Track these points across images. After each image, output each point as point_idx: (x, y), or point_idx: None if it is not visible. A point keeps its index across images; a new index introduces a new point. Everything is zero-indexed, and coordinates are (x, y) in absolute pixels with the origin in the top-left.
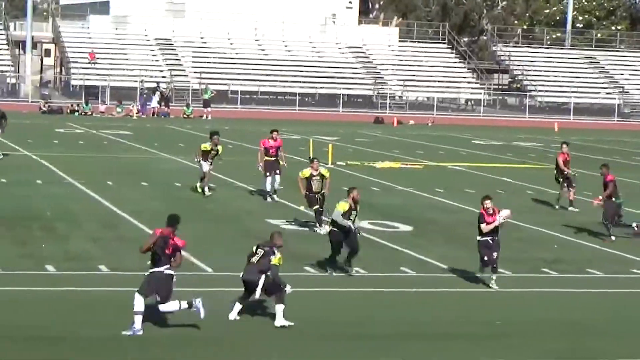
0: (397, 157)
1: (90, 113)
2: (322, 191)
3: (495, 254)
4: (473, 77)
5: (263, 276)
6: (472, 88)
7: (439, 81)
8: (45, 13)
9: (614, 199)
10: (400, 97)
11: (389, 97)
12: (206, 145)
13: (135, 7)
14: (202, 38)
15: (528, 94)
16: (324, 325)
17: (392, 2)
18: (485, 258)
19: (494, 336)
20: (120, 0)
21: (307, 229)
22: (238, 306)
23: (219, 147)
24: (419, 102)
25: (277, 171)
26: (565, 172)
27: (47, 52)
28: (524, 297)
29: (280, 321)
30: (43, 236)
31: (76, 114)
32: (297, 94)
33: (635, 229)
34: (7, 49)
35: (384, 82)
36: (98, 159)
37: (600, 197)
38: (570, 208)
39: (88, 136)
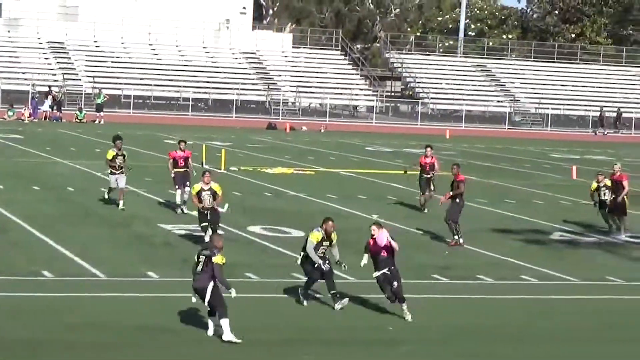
0: (289, 162)
1: None
2: (213, 207)
3: (396, 284)
4: (366, 84)
5: (212, 282)
6: (365, 95)
7: (332, 88)
8: None
9: (457, 200)
10: (293, 103)
11: (282, 103)
12: (111, 152)
13: (27, 10)
14: (95, 42)
15: (420, 101)
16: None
17: (286, 8)
18: (387, 295)
19: (385, 342)
20: (12, 3)
21: (197, 233)
22: (211, 323)
23: (125, 153)
24: (311, 109)
25: (187, 183)
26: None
27: None
28: (416, 303)
29: (227, 336)
30: None
31: None
32: (190, 99)
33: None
34: None
35: (277, 88)
36: None
37: (450, 194)
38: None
39: None
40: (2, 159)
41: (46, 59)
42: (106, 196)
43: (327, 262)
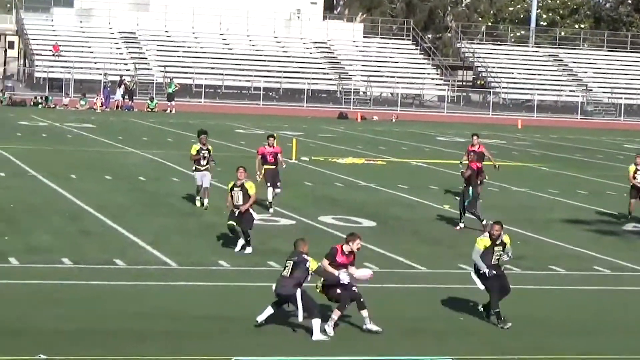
0: (360, 152)
1: (53, 106)
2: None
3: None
4: (437, 74)
5: (299, 290)
6: (436, 84)
7: (403, 77)
8: (8, 5)
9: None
10: (364, 92)
11: (353, 92)
12: (195, 147)
13: (99, 0)
14: (166, 32)
15: (492, 90)
16: (280, 318)
17: None
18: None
19: (456, 332)
20: None
21: (270, 223)
22: (270, 310)
23: (210, 147)
24: (383, 98)
25: (278, 183)
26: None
27: (11, 45)
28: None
29: (317, 335)
30: (5, 229)
31: (39, 106)
32: (261, 88)
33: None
34: None
35: (348, 78)
36: (61, 152)
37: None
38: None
39: (51, 129)
40: (75, 149)
41: (118, 48)
42: (197, 203)
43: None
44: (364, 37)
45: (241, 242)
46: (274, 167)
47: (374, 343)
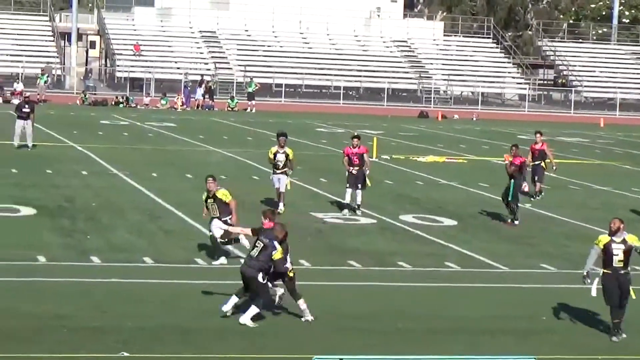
0: (441, 151)
1: (134, 105)
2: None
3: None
4: (518, 72)
5: (260, 274)
6: (517, 83)
7: (483, 76)
8: (90, 5)
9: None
10: (444, 91)
11: (434, 91)
12: (273, 149)
13: None
14: (246, 31)
15: (573, 89)
16: (364, 318)
17: None
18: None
19: (538, 332)
20: None
21: (350, 222)
22: (234, 299)
23: (288, 151)
24: (463, 97)
25: (359, 185)
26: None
27: (92, 44)
28: (570, 293)
29: (245, 319)
30: (87, 227)
31: (121, 105)
32: (341, 87)
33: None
34: (53, 41)
35: (429, 76)
36: (143, 150)
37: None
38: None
39: (133, 128)
40: (156, 147)
41: (198, 48)
42: (281, 207)
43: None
44: (444, 35)
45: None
46: (357, 168)
47: (455, 342)
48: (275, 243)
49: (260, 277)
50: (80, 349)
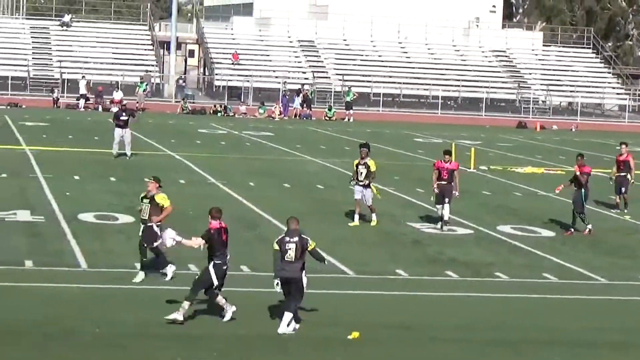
0: (539, 162)
1: (232, 114)
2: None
3: None
4: (618, 83)
5: (304, 274)
6: (617, 93)
7: (582, 86)
8: (189, 14)
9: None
10: (543, 101)
11: (532, 101)
12: (356, 161)
13: (278, 8)
14: (344, 40)
15: None
16: (460, 329)
17: (536, 7)
18: None
19: (637, 345)
20: (264, 2)
21: (451, 232)
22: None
23: (369, 162)
24: (562, 107)
25: (447, 199)
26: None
27: (191, 53)
28: None
29: (283, 328)
30: (185, 235)
31: (219, 114)
32: (439, 97)
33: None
34: (152, 50)
35: (527, 87)
36: (240, 159)
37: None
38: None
39: (230, 137)
40: (253, 157)
41: (296, 57)
42: (374, 218)
43: None
44: (543, 45)
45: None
46: (445, 183)
47: (552, 353)
48: (304, 235)
49: (304, 277)
50: (176, 356)
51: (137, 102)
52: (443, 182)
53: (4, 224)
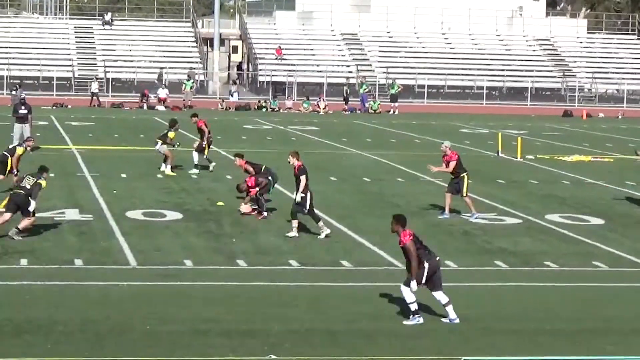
0: (586, 150)
1: (277, 109)
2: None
3: None
4: None
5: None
6: None
7: (629, 73)
8: (232, 10)
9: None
10: (589, 89)
11: (578, 89)
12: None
13: (320, 2)
14: (388, 32)
15: None
16: (512, 319)
17: None
18: None
19: None
20: None
21: (496, 222)
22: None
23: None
24: (608, 95)
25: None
26: None
27: (234, 49)
28: None
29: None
30: (233, 231)
31: (263, 109)
32: (484, 87)
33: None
34: (196, 46)
35: (573, 75)
36: (286, 154)
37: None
38: None
39: (276, 132)
40: (300, 151)
41: (340, 50)
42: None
43: None
44: (587, 33)
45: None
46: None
47: (606, 342)
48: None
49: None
50: (229, 352)
51: (184, 100)
52: None
53: (53, 223)
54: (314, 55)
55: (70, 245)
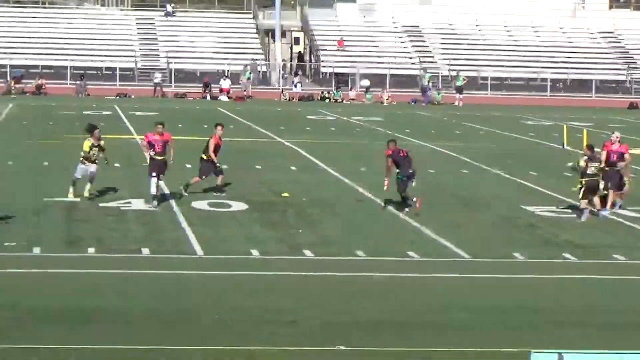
0: None
1: (340, 100)
2: None
3: None
4: None
5: None
6: None
7: None
8: (293, 2)
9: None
10: None
11: None
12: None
13: None
14: (450, 25)
15: None
16: (581, 312)
17: None
18: None
19: None
20: None
21: (563, 214)
22: None
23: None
24: None
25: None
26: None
27: (296, 41)
28: None
29: None
30: (298, 222)
31: (327, 100)
32: (548, 79)
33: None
34: (257, 38)
35: (637, 67)
36: (350, 145)
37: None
38: None
39: (339, 123)
40: (363, 142)
41: (402, 42)
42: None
43: None
44: None
45: None
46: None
47: None
48: None
49: None
50: (297, 343)
51: (243, 90)
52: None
53: (120, 212)
54: (376, 47)
55: (136, 234)
